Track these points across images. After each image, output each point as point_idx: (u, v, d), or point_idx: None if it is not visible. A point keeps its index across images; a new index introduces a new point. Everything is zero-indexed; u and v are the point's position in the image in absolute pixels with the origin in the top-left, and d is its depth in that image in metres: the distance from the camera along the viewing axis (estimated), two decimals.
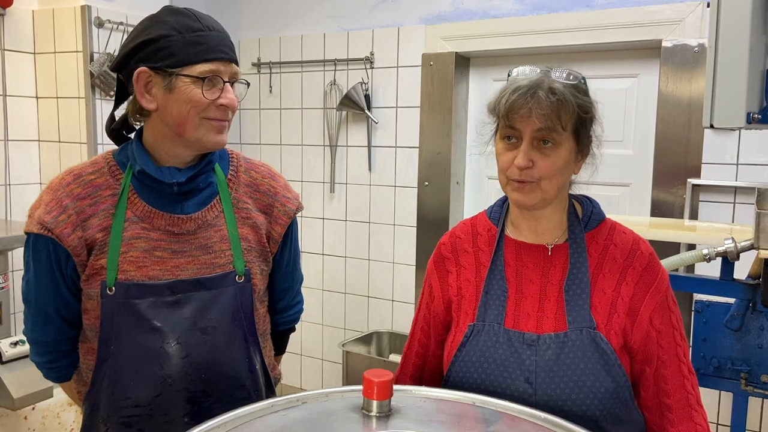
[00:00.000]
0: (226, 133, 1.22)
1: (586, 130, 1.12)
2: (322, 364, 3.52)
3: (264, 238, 1.30)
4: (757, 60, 1.30)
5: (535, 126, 1.06)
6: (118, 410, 1.19)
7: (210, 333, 1.21)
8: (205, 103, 1.16)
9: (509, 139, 1.11)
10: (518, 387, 1.09)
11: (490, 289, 1.17)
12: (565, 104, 1.06)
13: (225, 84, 1.17)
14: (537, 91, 1.05)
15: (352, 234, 3.34)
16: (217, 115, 1.18)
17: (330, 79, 3.29)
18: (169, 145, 1.21)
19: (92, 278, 1.19)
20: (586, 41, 2.66)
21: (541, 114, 1.04)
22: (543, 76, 1.08)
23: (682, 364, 1.14)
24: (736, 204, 2.45)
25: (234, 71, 1.20)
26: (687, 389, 1.14)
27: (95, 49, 2.86)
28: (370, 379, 0.92)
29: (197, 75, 1.14)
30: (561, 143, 1.08)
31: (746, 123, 1.27)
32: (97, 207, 1.20)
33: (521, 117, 1.07)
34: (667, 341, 1.13)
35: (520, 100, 1.05)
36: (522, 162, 1.07)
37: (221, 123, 1.20)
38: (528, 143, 1.08)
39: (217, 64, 1.16)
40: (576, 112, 1.08)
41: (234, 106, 1.19)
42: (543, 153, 1.08)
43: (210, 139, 1.19)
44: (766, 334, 1.95)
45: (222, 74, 1.17)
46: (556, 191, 1.12)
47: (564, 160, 1.10)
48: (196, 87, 1.15)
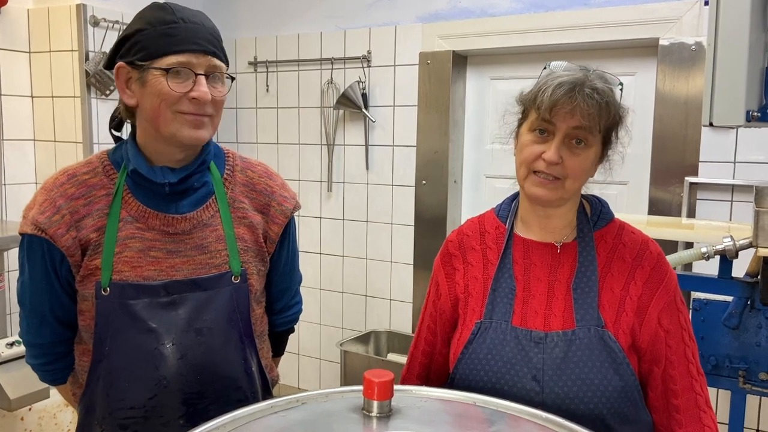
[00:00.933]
0: (207, 128, 1.18)
1: (616, 137, 1.13)
2: (320, 363, 3.51)
3: (261, 238, 1.29)
4: (756, 58, 1.30)
5: (572, 124, 1.06)
6: (113, 412, 1.18)
7: (205, 334, 1.19)
8: (175, 95, 1.13)
9: (541, 133, 1.10)
10: (525, 385, 1.09)
11: (498, 286, 1.16)
12: (608, 107, 1.06)
13: (198, 76, 1.14)
14: (583, 89, 1.05)
15: (350, 233, 3.34)
16: (190, 108, 1.14)
17: (327, 77, 3.28)
18: (156, 144, 1.19)
19: (87, 279, 1.17)
20: (584, 39, 2.65)
21: (586, 113, 1.04)
22: (584, 75, 1.08)
23: (691, 364, 1.13)
24: (734, 202, 2.45)
25: (212, 64, 1.16)
26: (696, 390, 1.13)
27: (90, 48, 2.85)
28: (371, 380, 0.91)
29: (165, 67, 1.12)
30: (592, 145, 1.09)
31: (745, 121, 1.27)
32: (92, 207, 1.18)
33: (562, 112, 1.06)
34: (675, 341, 1.12)
35: (565, 96, 1.04)
36: (554, 157, 1.06)
37: (196, 117, 1.16)
38: (560, 139, 1.07)
39: (188, 55, 1.13)
40: (614, 116, 1.08)
41: (206, 99, 1.14)
42: (573, 152, 1.08)
43: (185, 134, 1.16)
44: (764, 332, 1.95)
45: (194, 66, 1.13)
46: (575, 191, 1.13)
47: (591, 162, 1.11)
48: (165, 79, 1.12)
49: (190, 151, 1.21)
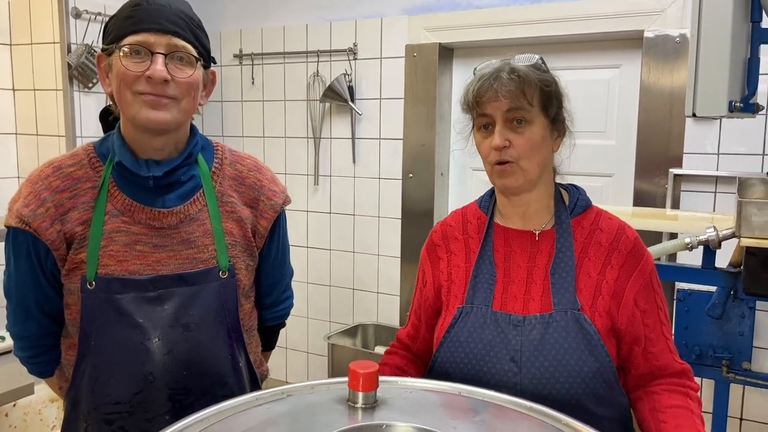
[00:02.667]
0: (171, 111, 1.14)
1: (553, 104, 1.16)
2: (308, 357, 3.51)
3: (249, 233, 1.27)
4: (739, 49, 1.31)
5: (503, 107, 1.12)
6: (99, 407, 1.17)
7: (192, 329, 1.18)
8: (130, 75, 1.10)
9: (485, 128, 1.16)
10: (503, 366, 1.11)
11: (479, 273, 1.20)
12: (527, 80, 1.12)
13: (154, 55, 1.10)
14: (500, 74, 1.13)
15: (337, 226, 3.33)
16: (146, 88, 1.11)
17: (313, 70, 3.26)
18: (133, 133, 1.18)
19: (72, 272, 1.16)
20: (569, 32, 2.66)
21: (507, 92, 1.10)
22: (504, 63, 1.15)
23: (668, 341, 1.18)
24: (717, 193, 2.47)
25: (172, 43, 1.12)
26: (679, 361, 1.19)
27: (73, 40, 2.82)
28: (356, 371, 0.91)
29: (123, 46, 1.11)
30: (532, 120, 1.13)
31: (728, 111, 1.29)
32: (77, 200, 1.17)
33: (489, 100, 1.13)
34: (652, 320, 1.17)
35: (485, 85, 1.13)
36: (498, 141, 1.12)
37: (154, 98, 1.12)
38: (501, 124, 1.13)
39: (145, 35, 1.10)
40: (539, 87, 1.13)
41: (158, 77, 1.10)
42: (517, 132, 1.13)
43: (143, 116, 1.12)
44: (747, 321, 1.97)
45: (151, 45, 1.10)
46: (538, 171, 1.16)
47: (539, 136, 1.14)
48: (123, 60, 1.11)
49: (164, 138, 1.18)
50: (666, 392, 1.16)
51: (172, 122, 1.15)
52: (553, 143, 1.19)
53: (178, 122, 1.17)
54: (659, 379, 1.17)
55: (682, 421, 1.10)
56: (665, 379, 1.17)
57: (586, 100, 2.71)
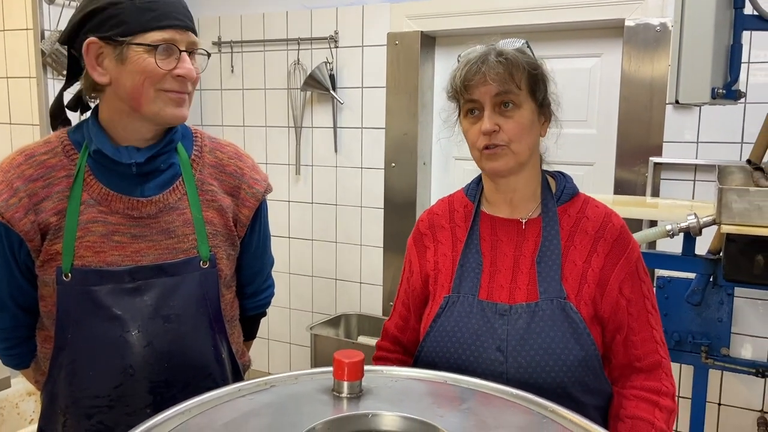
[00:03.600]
0: (187, 106, 1.16)
1: (540, 88, 1.16)
2: (290, 348, 3.49)
3: (230, 222, 1.25)
4: (722, 35, 1.31)
5: (492, 91, 1.11)
6: (77, 401, 1.14)
7: (173, 321, 1.16)
8: (160, 73, 1.10)
9: (472, 113, 1.15)
10: (490, 355, 1.11)
11: (466, 262, 1.19)
12: (515, 63, 1.11)
13: (181, 53, 1.11)
14: (487, 57, 1.12)
15: (319, 216, 3.31)
16: (174, 86, 1.12)
17: (293, 58, 3.22)
18: (127, 122, 1.15)
19: (47, 264, 1.13)
20: (551, 20, 2.66)
21: (495, 75, 1.10)
22: (490, 47, 1.15)
23: (655, 331, 1.17)
24: (696, 181, 2.50)
25: (191, 40, 1.13)
26: (660, 354, 1.17)
27: (46, 27, 2.75)
28: (341, 360, 0.90)
29: (150, 43, 1.08)
30: (521, 104, 1.13)
31: (711, 98, 1.29)
32: (51, 189, 1.13)
33: (477, 85, 1.11)
34: (637, 309, 1.16)
35: (473, 69, 1.11)
36: (488, 125, 1.11)
37: (180, 95, 1.13)
38: (490, 109, 1.12)
39: (171, 32, 1.10)
40: (526, 70, 1.13)
41: (192, 77, 1.13)
42: (506, 116, 1.13)
43: (168, 113, 1.13)
44: (726, 308, 2.00)
45: (178, 43, 1.10)
46: (528, 153, 1.15)
47: (528, 120, 1.14)
48: (150, 56, 1.08)
49: (159, 130, 1.18)
50: (634, 399, 1.14)
51: (187, 116, 1.17)
52: (541, 128, 1.18)
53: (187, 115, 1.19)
54: (634, 374, 1.16)
55: None
56: (639, 375, 1.16)
57: (568, 89, 2.69)
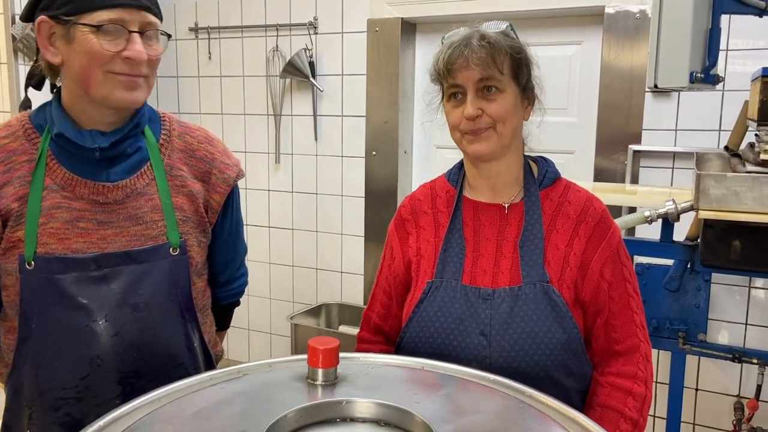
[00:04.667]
0: (143, 90, 1.11)
1: (523, 72, 1.15)
2: (271, 338, 3.47)
3: (201, 208, 1.22)
4: (700, 19, 1.30)
5: (475, 77, 1.10)
6: (43, 393, 1.11)
7: (142, 309, 1.13)
8: (107, 55, 1.04)
9: (455, 97, 1.14)
10: (473, 340, 1.11)
11: (449, 247, 1.19)
12: (498, 47, 1.11)
13: (131, 34, 1.06)
14: (470, 41, 1.11)
15: (299, 205, 3.28)
16: (123, 69, 1.07)
17: (272, 45, 3.17)
18: (84, 105, 1.11)
19: (9, 252, 1.09)
20: (531, 7, 2.64)
21: (478, 59, 1.09)
22: (474, 30, 1.14)
23: (636, 315, 1.17)
24: (675, 169, 2.51)
25: (146, 20, 1.08)
26: (639, 338, 1.17)
27: (17, 11, 2.67)
28: (315, 347, 0.88)
29: (95, 24, 1.04)
30: (504, 88, 1.12)
31: (689, 83, 1.28)
32: (11, 174, 1.09)
33: (460, 68, 1.11)
34: (618, 293, 1.16)
35: (455, 53, 1.10)
36: (471, 110, 1.11)
37: (130, 78, 1.08)
38: (473, 94, 1.12)
39: (119, 11, 1.04)
40: (509, 54, 1.12)
41: (141, 59, 1.07)
42: (488, 99, 1.12)
43: (118, 97, 1.08)
44: (703, 294, 2.01)
45: (127, 23, 1.06)
46: (510, 137, 1.15)
47: (511, 103, 1.13)
48: (96, 37, 1.04)
49: (122, 114, 1.14)
50: (608, 387, 1.14)
51: (143, 101, 1.13)
52: (524, 111, 1.18)
53: (145, 99, 1.14)
54: (612, 360, 1.16)
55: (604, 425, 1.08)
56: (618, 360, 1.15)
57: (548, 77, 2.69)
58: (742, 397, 2.44)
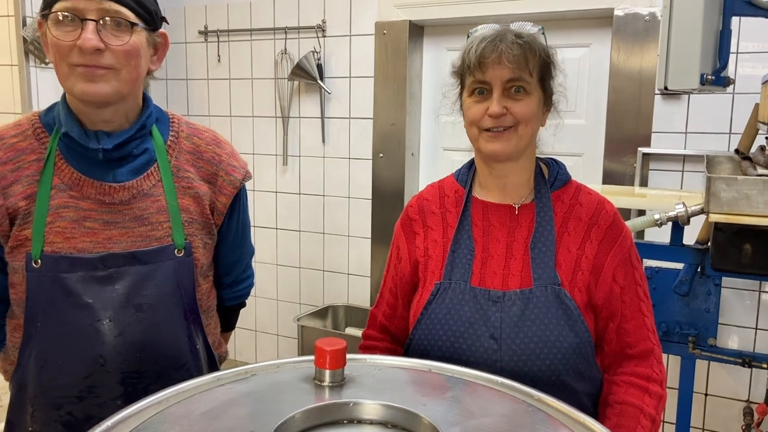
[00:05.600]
0: (109, 82, 1.06)
1: (550, 77, 1.14)
2: (278, 339, 3.47)
3: (207, 210, 1.22)
4: (711, 21, 1.29)
5: (505, 75, 1.08)
6: (46, 391, 1.11)
7: (146, 310, 1.13)
8: (63, 46, 1.03)
9: (480, 93, 1.12)
10: (483, 343, 1.09)
11: (457, 248, 1.17)
12: (532, 48, 1.09)
13: (84, 22, 1.03)
14: (505, 36, 1.08)
15: (306, 207, 3.28)
16: (79, 60, 1.04)
17: (281, 48, 3.18)
18: (79, 105, 1.11)
19: (16, 250, 1.09)
20: (540, 9, 2.64)
21: (512, 56, 1.07)
22: (506, 27, 1.12)
23: (646, 318, 1.16)
24: (685, 172, 2.49)
25: (104, 7, 1.04)
26: (652, 341, 1.16)
27: (28, 13, 2.69)
28: (322, 348, 0.88)
29: (51, 13, 1.04)
30: (531, 90, 1.11)
31: (700, 84, 1.27)
32: (20, 173, 1.10)
33: (492, 64, 1.08)
34: (629, 297, 1.15)
35: (489, 47, 1.08)
36: (497, 108, 1.09)
37: (88, 69, 1.04)
38: (500, 92, 1.09)
39: (74, 0, 1.03)
40: (541, 56, 1.11)
41: (87, 47, 1.02)
42: (515, 99, 1.10)
43: (78, 89, 1.05)
44: (713, 298, 2.00)
45: (82, 12, 1.03)
46: (529, 139, 1.14)
47: (536, 106, 1.12)
48: (53, 29, 1.04)
49: (111, 109, 1.11)
50: (624, 385, 1.13)
51: (112, 94, 1.08)
52: (542, 117, 1.17)
53: (120, 94, 1.09)
54: (625, 361, 1.15)
55: (625, 421, 1.09)
56: (630, 362, 1.14)
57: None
58: (751, 402, 2.42)
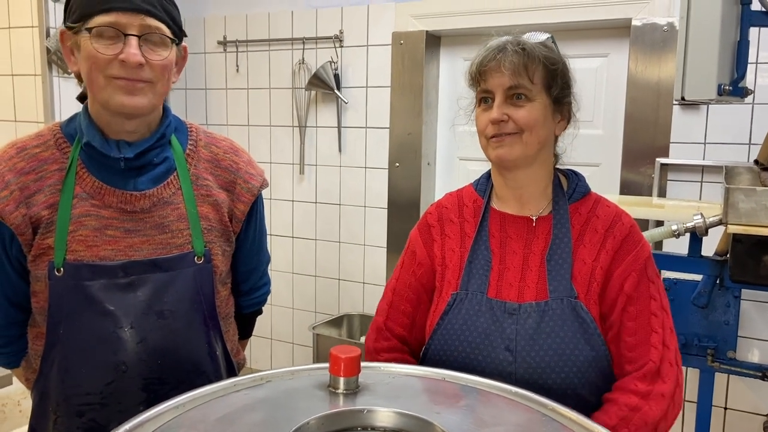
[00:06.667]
0: (146, 95, 1.10)
1: (557, 84, 1.14)
2: (293, 347, 3.48)
3: (226, 217, 1.24)
4: (728, 32, 1.29)
5: (505, 83, 1.11)
6: (69, 398, 1.13)
7: (167, 317, 1.15)
8: (103, 59, 1.06)
9: (486, 102, 1.15)
10: (498, 355, 1.09)
11: (474, 259, 1.17)
12: (532, 56, 1.11)
13: (127, 37, 1.06)
14: (505, 47, 1.12)
15: (322, 216, 3.30)
16: (120, 73, 1.07)
17: (298, 58, 3.21)
18: (103, 113, 1.13)
19: (39, 259, 1.11)
20: (557, 20, 2.64)
21: (510, 63, 1.09)
22: (513, 38, 1.15)
23: (655, 334, 1.10)
24: (704, 183, 2.47)
25: (146, 23, 1.07)
26: (654, 359, 1.09)
27: (51, 24, 2.75)
28: (337, 356, 0.89)
29: (92, 27, 1.06)
30: (533, 97, 1.11)
31: (717, 95, 1.27)
32: (43, 182, 1.12)
33: (491, 72, 1.11)
34: (637, 308, 1.10)
35: (489, 56, 1.12)
36: (496, 114, 1.11)
37: (129, 83, 1.08)
38: (501, 99, 1.12)
39: (116, 14, 1.05)
40: (542, 63, 1.12)
41: (132, 62, 1.06)
42: (516, 105, 1.12)
43: (117, 101, 1.09)
44: (732, 310, 1.97)
45: (123, 26, 1.06)
46: (537, 146, 1.13)
47: (540, 113, 1.12)
48: (94, 42, 1.06)
49: (137, 121, 1.14)
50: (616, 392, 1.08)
51: (147, 107, 1.12)
52: (556, 126, 1.16)
53: (153, 106, 1.14)
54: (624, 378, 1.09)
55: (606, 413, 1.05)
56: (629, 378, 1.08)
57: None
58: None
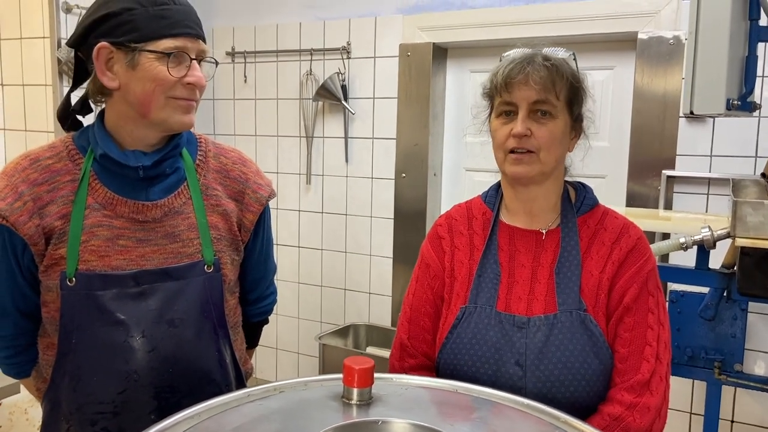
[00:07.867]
0: (194, 113, 1.18)
1: (578, 102, 1.14)
2: (298, 357, 3.48)
3: (235, 227, 1.25)
4: (736, 47, 1.30)
5: (531, 98, 1.10)
6: (81, 407, 1.14)
7: (177, 325, 1.16)
8: (171, 81, 1.11)
9: (507, 115, 1.13)
10: (508, 369, 1.09)
11: (483, 272, 1.17)
12: (560, 71, 1.10)
13: (192, 61, 1.13)
14: (533, 59, 1.11)
15: (329, 226, 3.31)
16: (183, 94, 1.13)
17: (306, 69, 3.24)
18: (132, 127, 1.16)
19: (51, 269, 1.13)
20: (563, 33, 2.66)
21: (539, 78, 1.08)
22: (535, 51, 1.14)
23: (649, 347, 1.09)
24: (710, 195, 2.47)
25: (201, 48, 1.15)
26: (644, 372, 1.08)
27: (63, 35, 2.78)
28: (351, 367, 0.89)
29: (162, 51, 1.09)
30: (556, 115, 1.11)
31: (725, 110, 1.28)
32: (56, 193, 1.13)
33: (519, 84, 1.10)
34: (633, 319, 1.10)
35: (516, 68, 1.10)
36: (521, 129, 1.09)
37: (188, 102, 1.15)
38: (525, 113, 1.10)
39: (183, 39, 1.11)
40: (569, 81, 1.11)
41: (202, 85, 1.15)
42: (540, 122, 1.11)
43: (176, 120, 1.15)
44: (740, 323, 1.97)
45: (189, 51, 1.12)
46: (553, 165, 1.14)
47: (561, 131, 1.12)
48: (161, 64, 1.09)
49: (165, 136, 1.19)
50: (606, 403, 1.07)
51: (194, 123, 1.19)
52: (570, 142, 1.17)
53: None
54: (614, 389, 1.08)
55: None
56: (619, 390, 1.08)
57: None
58: None
